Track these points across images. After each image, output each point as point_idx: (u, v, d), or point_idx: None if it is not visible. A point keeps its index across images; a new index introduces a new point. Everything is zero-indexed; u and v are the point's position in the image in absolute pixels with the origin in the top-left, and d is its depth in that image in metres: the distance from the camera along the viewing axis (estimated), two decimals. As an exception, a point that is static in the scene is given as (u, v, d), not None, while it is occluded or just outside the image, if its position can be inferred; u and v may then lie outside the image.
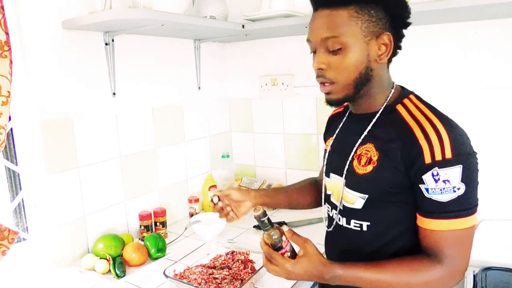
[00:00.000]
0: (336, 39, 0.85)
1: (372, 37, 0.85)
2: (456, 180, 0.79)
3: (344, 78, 0.87)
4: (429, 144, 0.81)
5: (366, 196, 0.90)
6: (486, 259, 1.39)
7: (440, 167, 0.80)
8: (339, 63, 0.86)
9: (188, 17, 1.37)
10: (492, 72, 1.42)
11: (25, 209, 1.29)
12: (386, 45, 0.87)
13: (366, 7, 0.84)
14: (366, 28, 0.84)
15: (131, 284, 1.18)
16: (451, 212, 0.81)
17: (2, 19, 1.02)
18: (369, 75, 0.87)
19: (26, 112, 1.22)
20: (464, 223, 0.81)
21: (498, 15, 1.34)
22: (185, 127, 1.79)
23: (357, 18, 0.84)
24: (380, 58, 0.87)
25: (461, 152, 0.81)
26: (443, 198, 0.80)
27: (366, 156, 0.90)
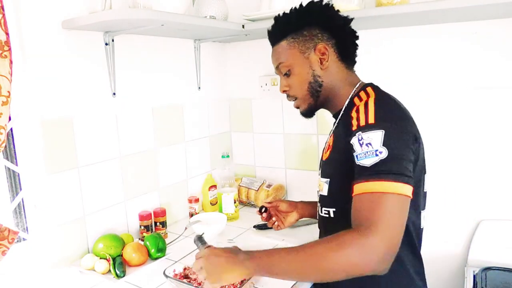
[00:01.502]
0: (283, 64, 1.07)
1: (310, 52, 1.03)
2: (377, 143, 0.82)
3: (300, 91, 1.07)
4: (357, 114, 0.90)
5: (328, 180, 1.01)
6: (486, 259, 1.39)
7: (363, 131, 0.86)
8: (293, 82, 1.07)
9: (188, 17, 1.37)
10: (492, 72, 1.42)
11: (25, 209, 1.29)
12: (324, 53, 1.02)
13: (300, 30, 1.03)
14: (302, 47, 1.03)
15: (131, 284, 1.18)
16: (374, 175, 0.81)
17: (2, 19, 1.02)
18: (319, 81, 1.04)
19: (26, 112, 1.22)
20: (384, 186, 0.79)
21: (498, 15, 1.34)
22: (185, 127, 1.79)
23: (294, 42, 1.04)
24: (322, 65, 1.03)
25: (385, 119, 0.86)
26: (367, 162, 0.83)
27: (328, 144, 1.06)
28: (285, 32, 1.06)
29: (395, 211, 0.79)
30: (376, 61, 1.61)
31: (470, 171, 1.50)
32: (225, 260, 0.89)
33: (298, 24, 1.04)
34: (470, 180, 1.51)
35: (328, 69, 1.03)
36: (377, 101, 0.90)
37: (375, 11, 1.30)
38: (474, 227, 1.51)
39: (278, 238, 1.47)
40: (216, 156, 1.95)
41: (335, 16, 1.05)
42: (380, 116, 0.86)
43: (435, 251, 1.60)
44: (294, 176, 1.92)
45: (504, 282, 1.28)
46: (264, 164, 2.01)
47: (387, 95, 0.97)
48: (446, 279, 1.58)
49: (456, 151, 1.52)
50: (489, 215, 1.49)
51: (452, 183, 1.55)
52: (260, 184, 1.87)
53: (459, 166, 1.52)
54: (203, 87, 1.88)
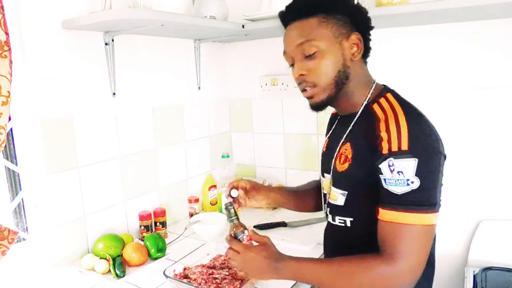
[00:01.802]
0: (311, 43, 0.91)
1: (343, 38, 0.92)
2: (409, 172, 0.79)
3: (325, 79, 0.93)
4: (388, 135, 0.82)
5: (346, 192, 0.94)
6: (486, 259, 1.39)
7: (395, 157, 0.81)
8: (317, 66, 0.92)
9: (188, 17, 1.37)
10: (492, 72, 1.42)
11: (25, 209, 1.29)
12: (357, 44, 0.93)
13: (333, 13, 0.92)
14: (336, 30, 0.92)
15: (131, 284, 1.18)
16: (403, 205, 0.80)
17: (2, 19, 1.02)
18: (347, 73, 0.93)
19: (26, 112, 1.22)
20: (415, 219, 0.79)
21: (498, 15, 1.34)
22: (185, 127, 1.79)
23: (326, 23, 0.91)
24: (354, 56, 0.93)
25: (419, 146, 0.81)
26: (397, 190, 0.81)
27: (344, 155, 0.96)
28: (315, 8, 0.92)
29: (421, 242, 0.81)
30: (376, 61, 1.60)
31: (470, 171, 1.50)
32: (260, 262, 0.93)
33: (332, 6, 0.92)
34: (470, 180, 1.51)
35: (355, 62, 0.94)
36: (409, 120, 0.83)
37: (375, 11, 1.30)
38: (474, 227, 1.51)
39: (278, 238, 1.46)
40: (216, 156, 1.95)
41: (361, 9, 0.97)
42: (414, 141, 0.80)
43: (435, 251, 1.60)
44: (294, 176, 1.92)
45: (504, 282, 1.28)
46: (264, 164, 2.01)
47: (413, 107, 0.90)
48: (446, 279, 1.58)
49: (456, 151, 1.52)
50: (489, 215, 1.49)
51: (452, 183, 1.55)
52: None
53: (459, 166, 1.52)
54: (203, 87, 1.88)
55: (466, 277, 1.36)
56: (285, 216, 1.67)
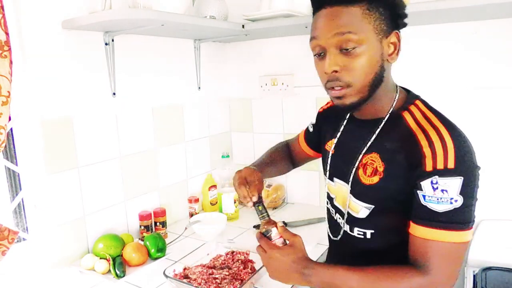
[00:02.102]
0: (351, 36, 0.79)
1: (383, 36, 0.82)
2: (454, 191, 0.76)
3: (361, 80, 0.81)
4: (432, 151, 0.78)
5: (372, 206, 0.88)
6: (486, 259, 1.39)
7: (440, 175, 0.77)
8: (355, 64, 0.80)
9: (188, 17, 1.37)
10: (492, 72, 1.42)
11: (25, 209, 1.29)
12: (395, 44, 0.84)
13: (376, 4, 0.80)
14: (378, 26, 0.81)
15: (131, 284, 1.18)
16: (444, 223, 0.78)
17: (2, 19, 1.02)
18: (382, 75, 0.84)
19: (26, 112, 1.22)
20: (455, 237, 0.78)
21: (498, 15, 1.34)
22: (185, 127, 1.79)
23: (369, 15, 0.80)
24: (391, 57, 0.84)
25: (465, 164, 0.77)
26: (439, 208, 0.78)
27: (372, 167, 0.87)
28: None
29: (455, 258, 0.80)
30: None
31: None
32: (286, 265, 0.88)
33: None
34: (470, 180, 1.50)
35: (390, 65, 0.86)
36: (455, 138, 0.79)
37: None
38: (474, 227, 1.51)
39: (278, 238, 1.46)
40: (216, 156, 1.95)
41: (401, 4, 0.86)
42: (461, 160, 0.77)
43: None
44: (294, 176, 1.91)
45: (504, 282, 1.28)
46: (264, 164, 2.01)
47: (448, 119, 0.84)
48: (446, 279, 1.57)
49: (456, 151, 1.52)
50: (489, 215, 1.49)
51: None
52: (260, 184, 1.87)
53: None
54: (203, 87, 1.88)
55: (466, 277, 1.36)
56: (285, 216, 1.67)
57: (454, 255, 0.79)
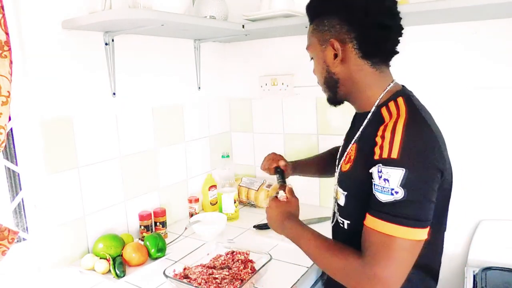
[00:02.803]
0: (308, 49, 1.01)
1: (326, 45, 0.93)
2: (395, 182, 0.77)
3: (319, 82, 1.01)
4: (382, 140, 0.81)
5: (346, 193, 0.95)
6: (486, 259, 1.39)
7: (384, 164, 0.79)
8: (315, 69, 1.01)
9: (188, 17, 1.37)
10: (492, 72, 1.42)
11: (25, 209, 1.29)
12: (337, 50, 0.92)
13: (323, 18, 0.93)
14: (321, 38, 0.94)
15: (131, 284, 1.18)
16: (385, 214, 0.78)
17: (2, 19, 1.02)
18: (334, 78, 0.95)
19: (26, 112, 1.22)
20: (397, 231, 0.77)
21: (498, 15, 1.34)
22: (185, 127, 1.79)
23: (317, 31, 0.95)
24: (333, 62, 0.93)
25: (410, 156, 0.77)
26: (382, 197, 0.79)
27: (349, 155, 0.96)
28: (311, 16, 0.98)
29: (401, 255, 0.77)
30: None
31: (470, 171, 1.50)
32: (276, 215, 1.04)
33: (319, 11, 0.95)
34: (470, 180, 1.50)
35: (345, 66, 0.92)
36: (407, 128, 0.79)
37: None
38: (474, 227, 1.51)
39: (279, 238, 1.46)
40: (216, 156, 1.95)
41: (353, 6, 0.89)
42: (405, 150, 0.77)
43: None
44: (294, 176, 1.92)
45: (504, 282, 1.28)
46: (264, 164, 2.01)
47: (420, 116, 0.85)
48: (446, 279, 1.57)
49: (456, 151, 1.52)
50: (489, 215, 1.49)
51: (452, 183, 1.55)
52: (260, 184, 1.87)
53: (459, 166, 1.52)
54: (203, 87, 1.88)
55: (466, 277, 1.36)
56: (285, 216, 1.66)
57: (392, 249, 0.77)
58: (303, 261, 1.16)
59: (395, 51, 0.96)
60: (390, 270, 0.77)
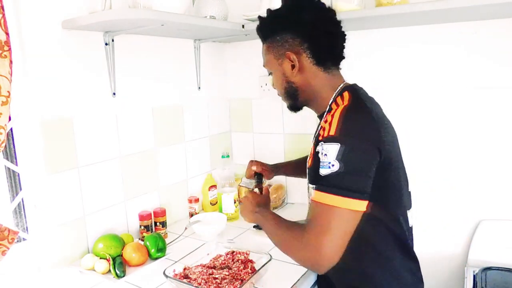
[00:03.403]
0: (266, 66, 1.12)
1: (283, 58, 1.04)
2: (332, 156, 0.85)
3: (280, 92, 1.12)
4: (325, 123, 0.92)
5: (314, 186, 0.98)
6: (486, 259, 1.39)
7: (324, 141, 0.88)
8: (273, 82, 1.13)
9: (188, 17, 1.37)
10: (492, 72, 1.42)
11: (25, 209, 1.29)
12: (293, 61, 1.03)
13: (275, 35, 1.05)
14: (276, 53, 1.06)
15: (131, 284, 1.18)
16: (324, 186, 0.87)
17: (2, 19, 1.02)
18: (293, 87, 1.06)
19: (26, 112, 1.22)
20: (331, 200, 0.85)
21: (498, 15, 1.34)
22: (185, 127, 1.79)
23: (272, 47, 1.07)
24: (292, 72, 1.04)
25: (346, 133, 0.87)
26: (322, 171, 0.88)
27: (311, 152, 1.05)
28: (264, 35, 1.10)
29: (336, 223, 0.85)
30: (377, 62, 1.61)
31: (470, 171, 1.50)
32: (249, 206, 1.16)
33: (272, 30, 1.06)
34: (470, 180, 1.51)
35: (302, 74, 1.04)
36: (345, 111, 0.90)
37: (375, 11, 1.30)
38: (474, 227, 1.51)
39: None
40: (216, 156, 1.95)
41: (303, 20, 1.01)
42: (342, 128, 0.87)
43: (435, 251, 1.60)
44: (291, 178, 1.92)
45: (504, 282, 1.28)
46: (264, 164, 2.01)
47: (360, 102, 0.95)
48: (446, 279, 1.58)
49: (456, 151, 1.52)
50: (489, 215, 1.49)
51: (452, 183, 1.55)
52: (260, 184, 1.87)
53: (459, 166, 1.52)
54: (203, 87, 1.88)
55: (466, 277, 1.36)
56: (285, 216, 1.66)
57: (329, 218, 0.85)
58: (303, 261, 1.16)
59: (343, 55, 1.08)
60: (325, 237, 0.84)
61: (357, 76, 1.78)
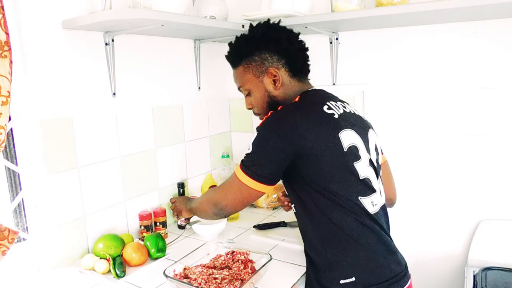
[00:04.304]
0: (243, 88, 1.19)
1: (263, 75, 1.13)
2: (250, 141, 1.04)
3: (261, 109, 1.19)
4: None
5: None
6: (486, 259, 1.39)
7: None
8: (253, 101, 1.19)
9: (188, 17, 1.37)
10: (493, 72, 1.42)
11: (25, 209, 1.29)
12: (275, 76, 1.11)
13: (251, 56, 1.13)
14: (256, 71, 1.13)
15: (131, 284, 1.18)
16: (241, 161, 1.06)
17: (2, 19, 1.02)
18: (275, 100, 1.14)
19: (26, 112, 1.22)
20: (237, 171, 1.05)
21: (498, 15, 1.34)
22: (185, 127, 1.79)
23: (248, 68, 1.14)
24: (275, 86, 1.12)
25: (263, 126, 1.04)
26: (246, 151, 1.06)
27: None
28: (239, 58, 1.16)
29: (233, 191, 1.08)
30: (377, 62, 1.61)
31: (471, 171, 1.50)
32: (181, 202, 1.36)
33: (248, 51, 1.13)
34: (470, 180, 1.51)
35: (282, 87, 1.12)
36: (273, 113, 1.05)
37: (375, 11, 1.30)
38: (474, 227, 1.51)
39: (278, 238, 1.47)
40: (216, 156, 1.95)
41: (279, 39, 1.11)
42: (264, 124, 1.04)
43: (435, 251, 1.60)
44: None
45: (504, 282, 1.28)
46: (264, 164, 2.01)
47: (297, 103, 1.07)
48: (446, 279, 1.58)
49: (456, 151, 1.52)
50: (489, 215, 1.49)
51: (452, 183, 1.55)
52: (260, 184, 1.87)
53: (459, 166, 1.52)
54: (203, 87, 1.88)
55: (466, 277, 1.36)
56: (285, 216, 1.67)
57: (230, 183, 1.09)
58: (303, 261, 1.16)
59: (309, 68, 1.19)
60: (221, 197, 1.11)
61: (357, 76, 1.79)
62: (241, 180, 1.04)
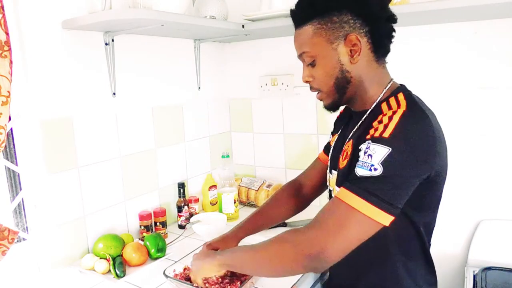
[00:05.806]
0: (307, 54, 0.92)
1: (339, 42, 0.88)
2: (377, 159, 0.75)
3: (325, 86, 0.93)
4: (378, 124, 0.80)
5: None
6: (486, 259, 1.39)
7: (373, 141, 0.78)
8: (317, 74, 0.93)
9: (188, 17, 1.37)
10: (493, 72, 1.42)
11: (25, 209, 1.29)
12: (355, 45, 0.87)
13: (328, 15, 0.87)
14: (331, 35, 0.88)
15: (131, 284, 1.18)
16: (356, 187, 0.77)
17: (2, 19, 1.02)
18: (347, 77, 0.90)
19: (26, 112, 1.22)
20: (355, 201, 0.76)
21: (498, 15, 1.34)
22: (185, 127, 1.79)
23: (320, 29, 0.88)
24: (353, 58, 0.89)
25: (401, 138, 0.76)
26: (359, 171, 0.78)
27: (346, 152, 0.92)
28: (310, 14, 0.89)
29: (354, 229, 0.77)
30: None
31: (471, 171, 1.50)
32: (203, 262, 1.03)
33: (327, 7, 0.88)
34: (470, 180, 1.51)
35: (358, 63, 0.89)
36: (404, 116, 0.79)
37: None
38: (474, 227, 1.51)
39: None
40: (216, 156, 1.95)
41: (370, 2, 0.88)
42: (397, 132, 0.76)
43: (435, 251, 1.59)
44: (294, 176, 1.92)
45: (504, 282, 1.28)
46: (264, 164, 2.01)
47: (420, 110, 0.83)
48: (446, 279, 1.58)
49: (456, 151, 1.52)
50: (489, 215, 1.49)
51: (452, 183, 1.55)
52: (260, 184, 1.87)
53: (459, 166, 1.52)
54: (203, 87, 1.88)
55: (466, 277, 1.36)
56: (285, 216, 1.66)
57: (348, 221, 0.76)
58: (303, 261, 1.15)
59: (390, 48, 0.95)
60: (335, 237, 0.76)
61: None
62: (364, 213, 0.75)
